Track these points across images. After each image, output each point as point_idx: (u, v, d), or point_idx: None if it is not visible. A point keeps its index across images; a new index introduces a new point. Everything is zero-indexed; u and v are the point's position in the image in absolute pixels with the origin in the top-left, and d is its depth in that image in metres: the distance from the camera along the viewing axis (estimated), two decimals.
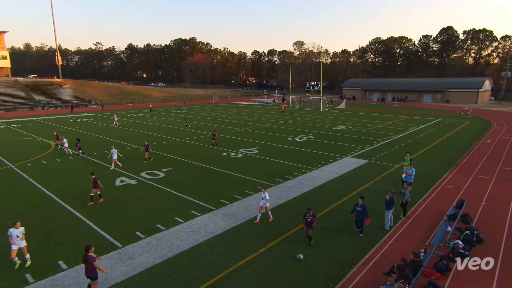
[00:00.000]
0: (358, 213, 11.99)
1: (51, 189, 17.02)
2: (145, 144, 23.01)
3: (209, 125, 41.02)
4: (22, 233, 10.21)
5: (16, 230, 10.10)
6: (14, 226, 10.14)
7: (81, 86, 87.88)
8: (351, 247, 11.31)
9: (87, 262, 8.52)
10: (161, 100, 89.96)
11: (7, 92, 71.11)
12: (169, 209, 14.39)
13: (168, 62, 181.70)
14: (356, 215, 12.06)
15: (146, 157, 22.79)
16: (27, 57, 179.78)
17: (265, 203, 13.03)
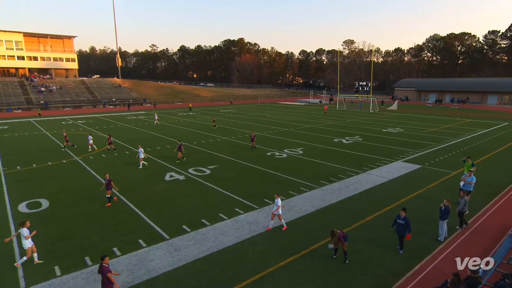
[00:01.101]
0: (399, 227, 10.79)
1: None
2: (178, 144, 23.11)
3: (255, 125, 41.48)
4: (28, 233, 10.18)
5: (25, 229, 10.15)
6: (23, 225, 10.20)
7: (137, 86, 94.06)
8: (399, 256, 10.70)
9: (101, 273, 8.19)
10: (209, 99, 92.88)
11: (75, 91, 78.53)
12: (213, 205, 14.83)
13: (217, 62, 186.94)
14: (397, 228, 10.86)
15: (179, 156, 22.90)
16: (91, 59, 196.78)
17: (276, 209, 12.31)
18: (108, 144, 26.33)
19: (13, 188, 17.39)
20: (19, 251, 10.92)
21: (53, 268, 9.92)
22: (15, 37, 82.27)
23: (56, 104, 69.17)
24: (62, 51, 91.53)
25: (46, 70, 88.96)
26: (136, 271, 9.77)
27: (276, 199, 12.38)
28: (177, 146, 23.07)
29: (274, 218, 12.51)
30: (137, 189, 17.09)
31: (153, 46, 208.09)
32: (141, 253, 10.76)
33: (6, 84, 73.77)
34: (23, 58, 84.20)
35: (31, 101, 67.98)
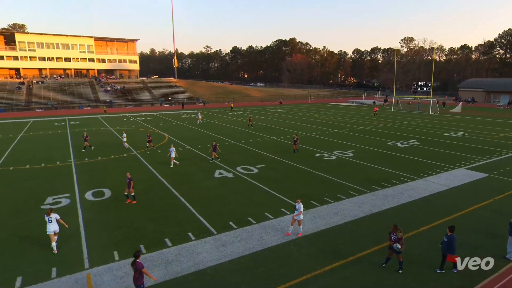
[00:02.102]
0: (443, 244, 9.80)
1: (162, 175, 19.59)
2: (213, 144, 23.15)
3: (303, 125, 40.99)
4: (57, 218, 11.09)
5: (54, 215, 11.03)
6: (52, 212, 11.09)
7: (191, 86, 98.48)
8: (459, 272, 9.80)
9: (135, 269, 8.20)
10: (259, 99, 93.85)
11: (136, 90, 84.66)
12: (260, 204, 14.96)
13: (268, 62, 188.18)
14: (443, 247, 9.83)
15: (213, 156, 22.83)
16: (151, 60, 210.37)
17: (297, 214, 11.79)
18: (148, 142, 27.30)
19: (81, 177, 19.29)
20: (85, 233, 12.08)
21: (113, 253, 10.80)
22: (87, 41, 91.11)
23: (120, 102, 75.21)
24: (126, 54, 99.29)
25: (112, 71, 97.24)
26: (185, 262, 10.24)
27: (297, 204, 11.85)
28: (212, 146, 23.05)
29: (294, 223, 12.04)
30: (189, 184, 17.90)
31: (207, 47, 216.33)
32: (190, 246, 11.24)
33: (78, 84, 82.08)
34: (93, 60, 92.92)
35: (98, 99, 74.80)
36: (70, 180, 18.80)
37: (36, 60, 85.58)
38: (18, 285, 9.12)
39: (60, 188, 17.32)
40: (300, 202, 11.92)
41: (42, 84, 77.57)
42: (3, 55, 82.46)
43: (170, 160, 21.55)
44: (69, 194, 16.36)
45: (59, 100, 71.05)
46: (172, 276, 9.52)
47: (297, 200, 12.08)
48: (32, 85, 75.76)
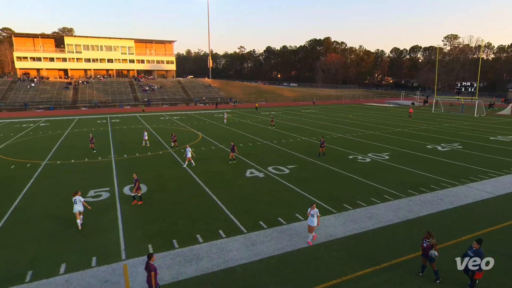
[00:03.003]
0: None
1: (195, 172, 20.08)
2: (231, 144, 23.05)
3: (336, 126, 40.13)
4: (81, 200, 12.52)
5: (78, 197, 12.48)
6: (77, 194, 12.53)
7: (225, 86, 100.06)
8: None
9: (147, 270, 8.21)
10: (292, 99, 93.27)
11: (172, 90, 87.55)
12: (290, 205, 14.87)
13: (301, 62, 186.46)
14: None
15: (230, 157, 22.71)
16: (187, 61, 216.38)
17: (317, 220, 11.26)
18: (173, 141, 27.72)
19: (120, 173, 20.29)
20: (122, 226, 12.70)
21: (147, 246, 11.25)
22: (128, 43, 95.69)
23: (157, 101, 78.16)
24: (163, 54, 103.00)
25: (150, 72, 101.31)
26: (215, 259, 10.43)
27: (312, 209, 11.25)
28: (230, 147, 22.84)
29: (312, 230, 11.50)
30: (220, 182, 18.21)
31: (241, 47, 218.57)
32: (221, 243, 11.43)
33: (119, 84, 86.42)
34: (133, 61, 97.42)
35: (137, 99, 78.26)
36: (110, 175, 19.85)
37: (82, 61, 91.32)
38: (62, 271, 9.78)
39: (101, 182, 18.34)
40: (315, 207, 11.30)
41: (87, 84, 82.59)
42: (54, 57, 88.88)
43: (185, 160, 21.71)
44: (108, 188, 17.28)
45: (102, 99, 75.27)
46: (203, 272, 9.74)
47: (312, 206, 11.40)
48: (78, 85, 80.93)
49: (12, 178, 19.17)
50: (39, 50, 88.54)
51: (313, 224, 11.20)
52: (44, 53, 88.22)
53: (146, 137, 28.54)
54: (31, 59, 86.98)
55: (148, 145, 28.22)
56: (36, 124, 43.88)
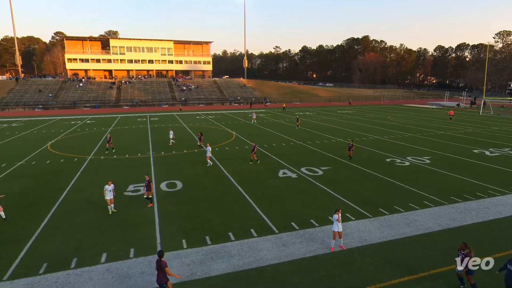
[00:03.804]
0: (509, 275, 8.10)
1: (229, 171, 20.39)
2: (253, 145, 22.71)
3: (373, 128, 38.79)
4: (113, 189, 13.86)
5: (109, 187, 13.76)
6: (108, 183, 13.88)
7: (260, 86, 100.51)
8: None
9: (159, 268, 8.19)
10: (327, 99, 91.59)
11: (208, 90, 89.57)
12: (323, 207, 14.61)
13: (338, 62, 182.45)
14: (506, 278, 8.18)
15: (252, 158, 22.45)
16: (223, 61, 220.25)
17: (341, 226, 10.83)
18: (200, 141, 27.87)
19: (158, 169, 21.12)
20: (159, 220, 13.22)
21: (181, 241, 11.62)
22: (168, 45, 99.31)
23: (193, 101, 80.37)
24: (200, 55, 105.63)
25: (187, 72, 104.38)
26: (246, 257, 10.52)
27: (336, 215, 10.74)
28: (252, 147, 22.71)
29: (337, 236, 11.00)
30: (253, 182, 18.33)
31: (276, 47, 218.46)
32: (252, 242, 11.51)
33: (159, 83, 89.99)
34: (172, 62, 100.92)
35: (175, 98, 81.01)
36: (148, 171, 20.74)
37: (125, 62, 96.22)
38: (103, 260, 10.39)
39: (140, 177, 19.20)
40: (339, 213, 10.79)
41: (129, 84, 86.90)
42: (100, 59, 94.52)
43: (206, 159, 21.85)
44: None
45: (142, 98, 78.81)
46: (234, 270, 9.86)
47: (336, 212, 10.84)
48: (121, 85, 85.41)
49: (62, 171, 20.67)
50: (87, 52, 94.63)
51: (340, 229, 10.81)
52: (91, 55, 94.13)
53: (172, 136, 29.41)
54: (80, 61, 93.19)
55: (174, 143, 28.93)
56: (83, 122, 46.97)
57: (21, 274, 9.64)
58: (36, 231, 12.38)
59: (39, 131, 37.87)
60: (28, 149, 27.54)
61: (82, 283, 9.24)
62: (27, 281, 9.31)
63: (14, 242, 11.56)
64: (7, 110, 66.05)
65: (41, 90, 76.51)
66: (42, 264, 10.14)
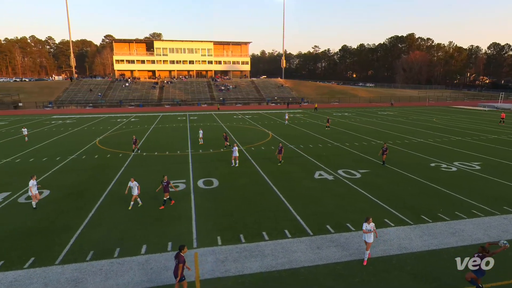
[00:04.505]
0: None
1: (265, 171, 20.45)
2: (279, 146, 22.45)
3: (417, 131, 36.82)
4: (137, 185, 14.52)
5: (132, 183, 14.45)
6: (131, 180, 14.58)
7: (297, 86, 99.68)
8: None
9: (178, 261, 8.32)
10: (367, 100, 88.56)
11: (246, 90, 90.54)
12: (360, 211, 14.16)
13: (380, 61, 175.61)
14: None
15: (280, 159, 22.18)
16: (261, 61, 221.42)
17: (373, 236, 10.12)
18: (225, 141, 27.96)
19: (196, 167, 21.76)
20: (195, 216, 13.61)
21: (216, 238, 11.87)
22: (208, 46, 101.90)
23: (231, 100, 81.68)
24: (239, 56, 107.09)
25: (226, 72, 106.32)
26: (280, 258, 10.49)
27: (367, 224, 10.05)
28: (278, 148, 22.28)
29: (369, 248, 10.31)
30: (288, 182, 18.23)
31: (315, 47, 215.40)
32: (286, 243, 11.45)
33: (198, 83, 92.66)
34: (212, 62, 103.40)
35: (213, 98, 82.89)
36: (186, 168, 21.43)
37: (168, 63, 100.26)
38: (143, 252, 10.91)
39: (179, 174, 19.92)
40: (371, 221, 10.09)
41: (171, 84, 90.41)
42: (144, 60, 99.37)
43: (232, 159, 21.86)
44: (185, 180, 18.68)
45: (183, 97, 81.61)
46: (267, 269, 9.89)
47: (367, 219, 10.13)
48: (163, 85, 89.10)
49: (108, 166, 22.03)
50: (133, 53, 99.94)
51: (370, 240, 10.19)
52: (137, 56, 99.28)
53: (201, 135, 29.83)
54: (126, 62, 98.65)
55: (202, 143, 29.28)
56: (128, 119, 49.67)
57: (71, 259, 10.43)
58: (85, 221, 13.32)
59: (89, 128, 40.68)
60: (79, 144, 29.70)
61: (124, 272, 9.78)
62: (76, 266, 10.05)
63: (66, 230, 12.53)
64: (62, 108, 71.71)
65: (91, 90, 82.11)
66: (89, 252, 10.88)
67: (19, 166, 22.15)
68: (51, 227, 12.74)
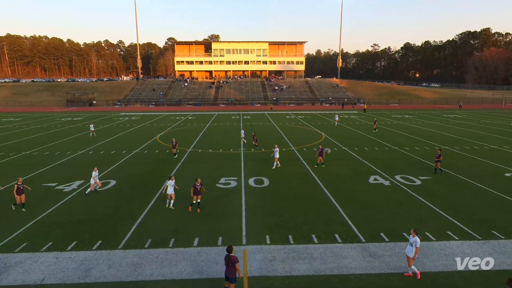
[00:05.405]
0: None
1: (316, 173, 20.08)
2: (319, 148, 21.63)
3: (489, 136, 33.14)
4: (173, 185, 14.50)
5: (171, 182, 14.46)
6: (170, 179, 14.58)
7: (353, 86, 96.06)
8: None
9: (231, 263, 8.31)
10: (431, 101, 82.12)
11: (299, 90, 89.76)
12: (420, 220, 13.18)
13: (447, 59, 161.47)
14: None
15: (318, 161, 21.54)
16: (316, 61, 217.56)
17: (414, 251, 9.22)
18: (254, 141, 27.69)
19: (247, 165, 22.15)
20: (245, 214, 13.87)
21: (265, 237, 11.96)
22: (263, 46, 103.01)
23: (284, 100, 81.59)
24: (294, 55, 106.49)
25: (280, 72, 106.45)
26: (329, 262, 10.22)
27: (413, 237, 9.33)
28: (318, 151, 21.61)
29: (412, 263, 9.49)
30: (341, 185, 17.67)
31: (374, 45, 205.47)
32: (336, 248, 11.12)
33: (252, 83, 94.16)
34: (266, 63, 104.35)
35: (267, 97, 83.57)
36: (238, 166, 21.93)
37: (224, 63, 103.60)
38: (195, 244, 11.42)
39: (231, 171, 20.46)
40: (415, 234, 9.37)
41: (226, 84, 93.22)
42: (202, 61, 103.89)
43: (274, 161, 21.38)
44: (236, 178, 19.13)
45: (237, 97, 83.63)
46: (315, 273, 9.70)
47: (411, 231, 9.49)
48: (219, 85, 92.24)
49: (167, 161, 23.46)
50: (192, 55, 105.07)
51: (409, 254, 9.41)
52: (195, 57, 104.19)
53: (243, 135, 29.95)
54: (186, 63, 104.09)
55: (245, 142, 29.43)
56: (185, 118, 52.37)
57: (131, 246, 11.32)
58: (145, 211, 14.36)
59: (151, 125, 43.74)
60: (142, 139, 32.10)
61: (177, 261, 10.34)
62: (135, 252, 10.88)
63: (128, 218, 13.64)
64: (129, 106, 78.08)
65: (154, 89, 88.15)
66: (147, 240, 11.71)
67: (92, 157, 24.63)
68: (116, 214, 13.96)
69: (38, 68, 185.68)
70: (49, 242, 11.50)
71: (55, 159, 23.95)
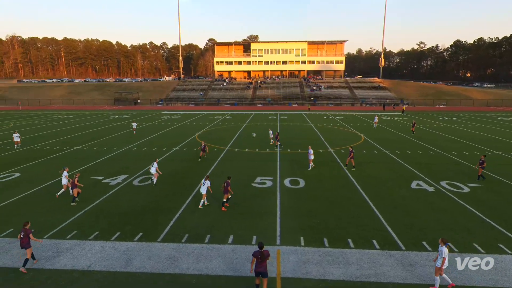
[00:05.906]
0: None
1: (354, 175, 19.50)
2: (350, 149, 21.01)
3: None
4: (208, 185, 14.63)
5: (207, 182, 14.62)
6: (206, 179, 14.80)
7: (396, 86, 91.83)
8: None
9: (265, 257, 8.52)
10: (483, 103, 76.18)
11: (338, 90, 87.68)
12: (466, 230, 12.29)
13: (504, 57, 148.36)
14: None
15: (347, 162, 21.34)
16: (356, 60, 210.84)
17: (441, 261, 8.78)
18: (277, 140, 27.52)
19: (283, 165, 22.07)
20: (280, 214, 13.84)
21: (299, 238, 11.84)
22: (301, 46, 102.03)
23: (322, 101, 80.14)
24: (333, 55, 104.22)
25: (319, 72, 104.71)
26: (365, 269, 9.87)
27: (440, 246, 8.88)
28: (350, 152, 20.99)
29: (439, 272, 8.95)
30: (380, 189, 17.00)
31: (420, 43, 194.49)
32: (373, 254, 10.72)
33: (290, 83, 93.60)
34: (305, 62, 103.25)
35: (304, 98, 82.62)
36: (274, 166, 21.92)
37: (262, 64, 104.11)
38: (230, 241, 11.61)
39: (267, 171, 20.51)
40: (444, 244, 8.91)
41: (264, 84, 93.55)
42: (241, 61, 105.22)
43: (309, 162, 21.12)
44: (272, 178, 19.14)
45: (275, 97, 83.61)
46: (351, 278, 9.43)
47: (440, 241, 9.04)
48: (257, 85, 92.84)
49: (205, 158, 24.07)
50: (231, 55, 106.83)
51: (437, 263, 9.03)
52: (234, 58, 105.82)
53: (272, 135, 29.72)
54: (225, 63, 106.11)
55: (272, 143, 29.11)
56: (223, 117, 53.37)
57: (169, 239, 11.78)
58: (183, 206, 14.86)
59: (190, 123, 45.16)
60: (182, 137, 33.25)
61: (212, 257, 10.58)
62: (173, 245, 11.31)
63: (167, 212, 14.20)
64: (170, 105, 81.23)
65: (194, 89, 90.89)
66: (184, 234, 12.12)
67: (135, 153, 25.98)
68: (157, 208, 14.61)
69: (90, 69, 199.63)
70: (96, 232, 12.33)
71: (103, 154, 25.60)
